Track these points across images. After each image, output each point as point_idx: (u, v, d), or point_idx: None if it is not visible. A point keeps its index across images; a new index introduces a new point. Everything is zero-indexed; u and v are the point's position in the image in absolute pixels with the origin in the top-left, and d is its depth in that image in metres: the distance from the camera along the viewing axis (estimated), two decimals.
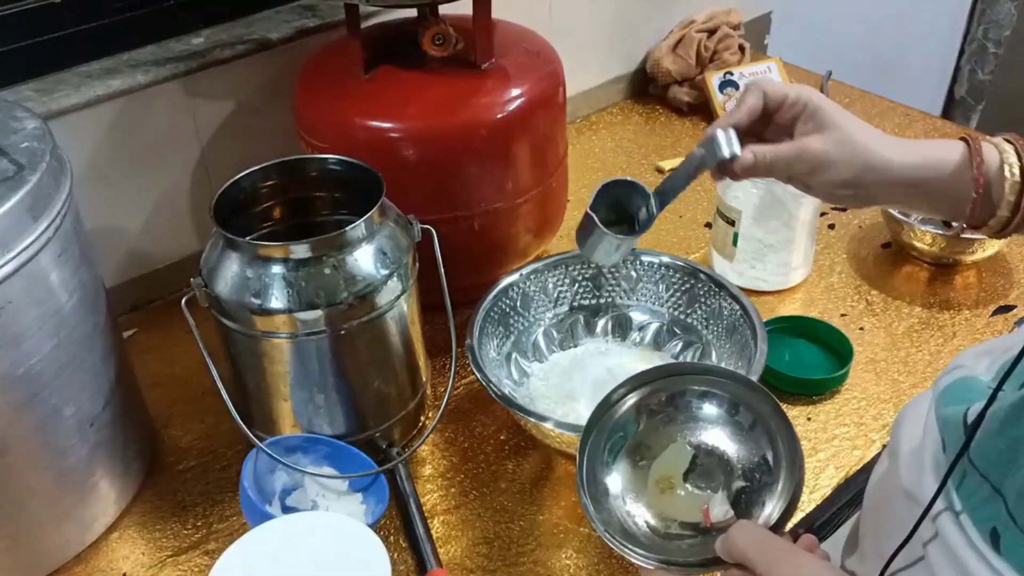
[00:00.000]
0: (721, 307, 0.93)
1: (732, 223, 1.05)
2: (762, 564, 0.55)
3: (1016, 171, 0.63)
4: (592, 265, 0.98)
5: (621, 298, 0.99)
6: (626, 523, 0.67)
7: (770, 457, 0.66)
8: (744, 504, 0.65)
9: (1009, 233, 0.66)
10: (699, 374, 0.71)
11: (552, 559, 0.80)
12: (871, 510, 0.65)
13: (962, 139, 0.66)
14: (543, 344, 0.97)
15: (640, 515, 0.67)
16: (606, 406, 0.71)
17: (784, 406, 0.93)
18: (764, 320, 0.88)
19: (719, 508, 0.65)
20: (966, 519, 0.48)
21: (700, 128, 1.44)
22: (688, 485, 0.68)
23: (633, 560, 0.63)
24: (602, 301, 0.99)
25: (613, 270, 0.98)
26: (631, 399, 0.71)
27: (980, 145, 0.64)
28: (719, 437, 0.69)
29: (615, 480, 0.69)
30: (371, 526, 0.73)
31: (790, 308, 1.07)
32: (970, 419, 0.49)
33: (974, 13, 2.33)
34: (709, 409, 0.70)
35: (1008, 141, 0.65)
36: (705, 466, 0.68)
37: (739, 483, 0.66)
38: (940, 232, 1.08)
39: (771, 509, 0.63)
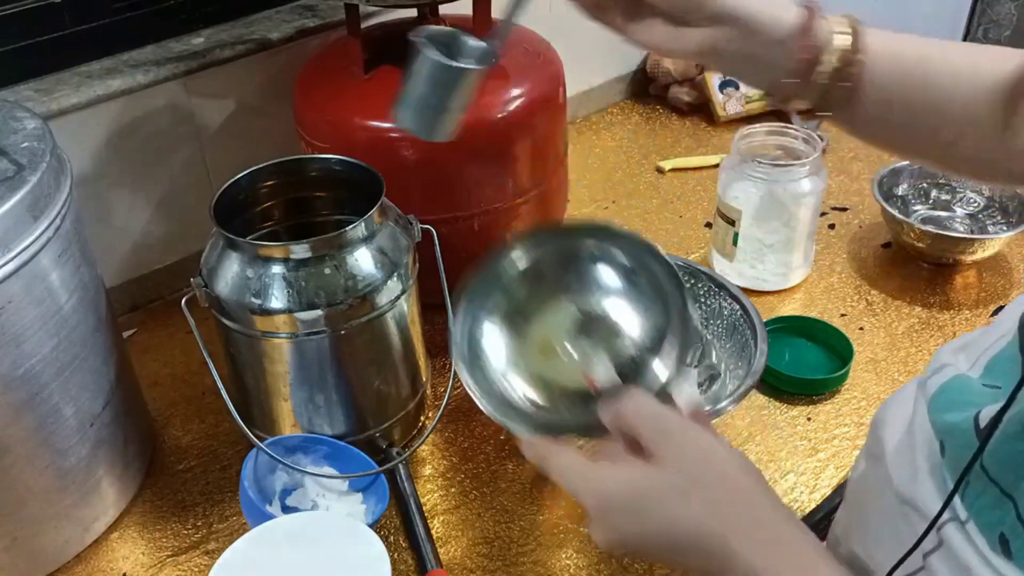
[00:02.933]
0: (721, 307, 0.92)
1: (732, 223, 1.05)
2: (651, 435, 0.51)
3: (847, 42, 0.60)
4: None
5: None
6: (507, 394, 0.62)
7: (662, 323, 0.61)
8: (631, 370, 0.61)
9: (819, 112, 0.63)
10: (594, 236, 0.65)
11: (552, 559, 0.80)
12: (856, 513, 0.64)
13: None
14: None
15: (521, 385, 0.62)
16: (490, 269, 0.65)
17: (784, 406, 0.94)
18: (764, 320, 0.88)
19: (604, 373, 0.61)
20: (972, 527, 0.47)
21: (700, 128, 1.45)
22: (571, 348, 0.63)
23: (513, 430, 0.59)
24: None
25: None
26: (520, 263, 0.66)
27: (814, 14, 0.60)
28: (608, 300, 0.64)
29: (496, 347, 0.63)
30: (371, 526, 0.73)
31: (790, 308, 1.07)
32: (982, 423, 0.48)
33: (974, 13, 2.33)
34: (602, 272, 0.65)
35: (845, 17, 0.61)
36: (590, 329, 0.63)
37: (627, 348, 0.62)
38: (940, 232, 1.08)
39: (660, 374, 0.59)
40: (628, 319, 0.63)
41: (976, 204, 1.16)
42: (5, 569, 0.76)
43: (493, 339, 0.63)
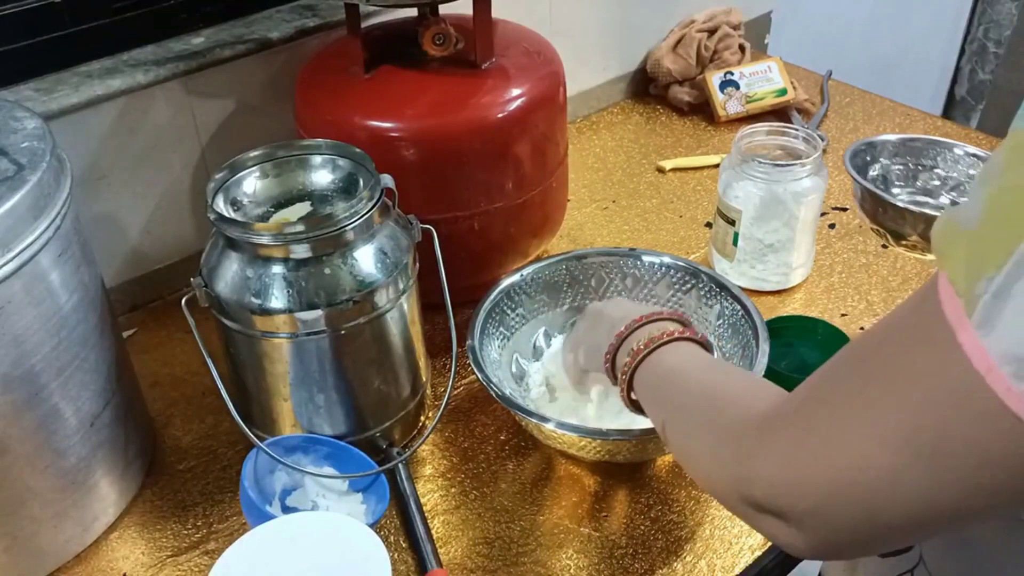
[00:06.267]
0: (723, 308, 0.92)
1: (732, 223, 1.05)
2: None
3: None
4: (598, 263, 0.98)
5: (632, 298, 0.99)
6: None
7: None
8: None
9: None
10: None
11: (552, 559, 0.80)
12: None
13: None
14: (544, 344, 0.97)
15: None
16: None
17: None
18: (764, 320, 0.88)
19: None
20: None
21: (701, 127, 1.45)
22: None
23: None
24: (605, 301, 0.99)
25: (615, 272, 0.98)
26: None
27: None
28: None
29: None
30: (371, 526, 0.73)
31: (790, 308, 1.07)
32: None
33: (974, 13, 2.34)
34: None
35: None
36: None
37: None
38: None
39: None
40: None
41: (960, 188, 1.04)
42: (5, 569, 0.76)
43: None
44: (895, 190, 1.06)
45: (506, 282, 0.94)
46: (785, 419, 0.48)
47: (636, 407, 0.72)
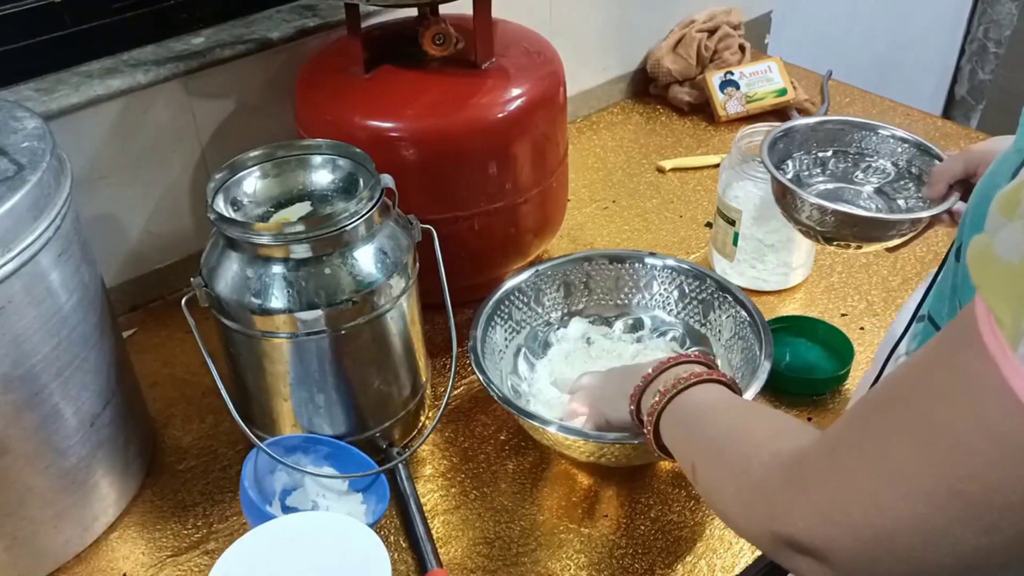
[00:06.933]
0: (728, 312, 0.92)
1: (732, 223, 1.05)
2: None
3: None
4: (609, 266, 0.98)
5: (634, 300, 0.99)
6: None
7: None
8: None
9: None
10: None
11: (552, 559, 0.80)
12: None
13: None
14: (554, 343, 0.97)
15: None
16: None
17: (785, 407, 0.94)
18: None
19: None
20: None
21: (701, 127, 1.45)
22: None
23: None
24: (617, 303, 0.99)
25: (631, 272, 0.98)
26: None
27: None
28: None
29: None
30: (371, 526, 0.73)
31: (790, 308, 1.07)
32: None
33: (974, 13, 2.33)
34: None
35: None
36: None
37: None
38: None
39: None
40: None
41: (886, 175, 0.94)
42: (5, 569, 0.76)
43: None
44: (816, 179, 0.95)
45: (511, 282, 0.94)
46: (817, 470, 0.46)
47: (663, 450, 0.70)
